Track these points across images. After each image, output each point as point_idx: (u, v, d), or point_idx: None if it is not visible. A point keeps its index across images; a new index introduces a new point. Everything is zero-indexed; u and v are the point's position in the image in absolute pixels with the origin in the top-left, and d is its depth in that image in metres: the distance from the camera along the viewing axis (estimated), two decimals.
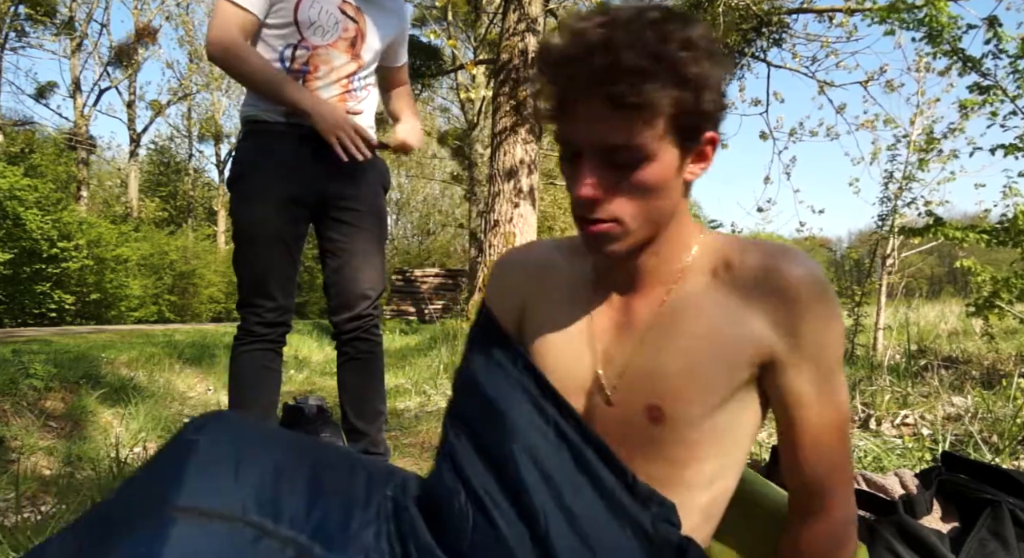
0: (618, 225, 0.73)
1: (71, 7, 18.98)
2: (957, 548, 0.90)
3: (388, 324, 11.23)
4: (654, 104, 0.66)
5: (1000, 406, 2.04)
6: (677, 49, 0.66)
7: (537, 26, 6.03)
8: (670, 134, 0.70)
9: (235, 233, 1.78)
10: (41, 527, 1.40)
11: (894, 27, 3.42)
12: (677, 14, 0.70)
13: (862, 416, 2.23)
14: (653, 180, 0.71)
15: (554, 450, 0.75)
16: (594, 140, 0.70)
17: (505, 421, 0.78)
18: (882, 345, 4.31)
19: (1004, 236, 3.10)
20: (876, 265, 4.51)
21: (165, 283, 16.26)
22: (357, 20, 1.80)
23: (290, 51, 1.72)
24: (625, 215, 0.72)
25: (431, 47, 7.89)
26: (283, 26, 1.71)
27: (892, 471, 1.13)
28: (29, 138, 16.64)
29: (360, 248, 1.85)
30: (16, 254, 10.92)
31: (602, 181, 0.71)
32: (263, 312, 1.76)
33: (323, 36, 1.75)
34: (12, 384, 2.68)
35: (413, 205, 27.50)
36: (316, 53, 1.74)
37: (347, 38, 1.79)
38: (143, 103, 22.58)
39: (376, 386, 1.96)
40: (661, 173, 0.71)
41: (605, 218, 0.72)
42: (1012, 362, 3.20)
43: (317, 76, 1.76)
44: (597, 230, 0.73)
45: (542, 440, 0.76)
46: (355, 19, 1.80)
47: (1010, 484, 0.99)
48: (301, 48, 1.73)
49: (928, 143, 4.20)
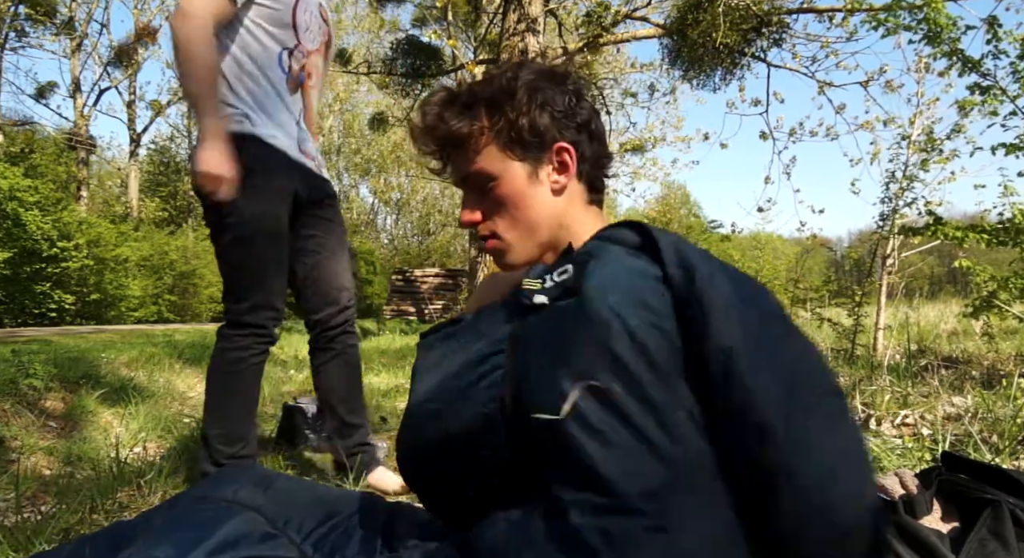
0: (497, 240, 0.86)
1: (71, 7, 18.98)
2: (957, 548, 0.90)
3: (388, 324, 11.23)
4: (467, 134, 0.82)
5: (1000, 406, 2.04)
6: (494, 88, 0.83)
7: (537, 26, 6.03)
8: (505, 152, 0.83)
9: (243, 231, 1.63)
10: (41, 527, 1.40)
11: (892, 29, 3.42)
12: (519, 64, 0.86)
13: (862, 416, 2.23)
14: (506, 193, 0.84)
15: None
16: (456, 178, 0.87)
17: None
18: (882, 345, 4.31)
19: (1004, 236, 3.10)
20: (876, 265, 4.51)
21: (165, 283, 16.25)
22: (330, 25, 1.80)
23: (287, 55, 1.69)
24: (498, 229, 0.85)
25: (431, 47, 7.88)
26: (280, 26, 1.66)
27: (892, 471, 1.13)
28: (29, 138, 16.63)
29: (335, 244, 1.84)
30: (16, 254, 10.92)
31: (475, 206, 0.86)
32: (278, 314, 1.70)
33: (312, 42, 1.74)
34: (12, 384, 2.68)
35: (413, 205, 27.50)
36: (309, 59, 1.73)
37: (324, 42, 1.79)
38: (143, 103, 22.59)
39: (360, 380, 1.95)
40: (512, 187, 0.83)
41: (487, 235, 0.86)
42: (1012, 362, 3.20)
43: (312, 84, 1.76)
44: (488, 247, 0.87)
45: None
46: (328, 23, 1.79)
47: (1010, 484, 0.99)
48: (298, 53, 1.70)
49: (929, 143, 4.20)
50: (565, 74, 0.87)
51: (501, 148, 0.83)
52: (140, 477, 1.78)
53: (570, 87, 0.85)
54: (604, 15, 6.09)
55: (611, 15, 6.17)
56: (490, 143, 0.83)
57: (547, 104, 0.83)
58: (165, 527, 0.74)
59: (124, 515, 1.57)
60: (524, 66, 0.85)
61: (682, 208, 37.14)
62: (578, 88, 0.86)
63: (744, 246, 28.36)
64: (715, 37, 5.85)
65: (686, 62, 6.45)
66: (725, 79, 6.60)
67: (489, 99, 0.83)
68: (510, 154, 0.83)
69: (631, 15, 6.64)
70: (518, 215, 0.84)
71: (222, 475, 0.86)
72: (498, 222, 0.85)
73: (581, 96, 0.86)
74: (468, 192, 0.87)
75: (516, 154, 0.83)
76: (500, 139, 0.82)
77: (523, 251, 0.86)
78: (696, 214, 39.07)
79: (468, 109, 0.83)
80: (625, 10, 6.51)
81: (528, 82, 0.83)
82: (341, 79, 20.54)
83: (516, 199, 0.84)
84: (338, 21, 17.50)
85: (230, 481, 0.83)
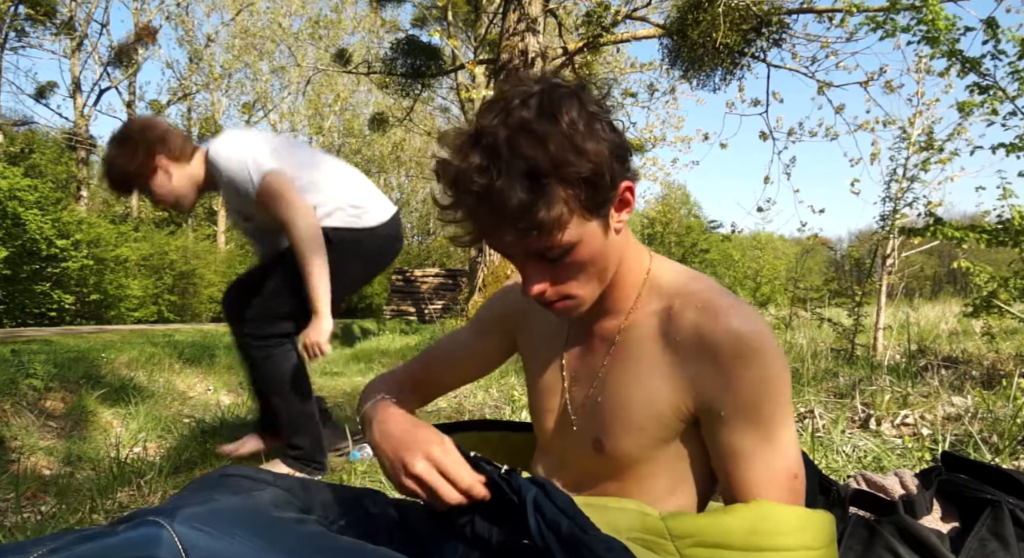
0: (572, 300, 0.78)
1: (71, 7, 18.98)
2: (957, 548, 0.90)
3: (388, 324, 11.23)
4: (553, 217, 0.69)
5: (1000, 406, 2.04)
6: (554, 154, 0.67)
7: (537, 26, 6.03)
8: (583, 215, 0.72)
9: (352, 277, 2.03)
10: (41, 527, 1.40)
11: (890, 31, 3.42)
12: (547, 100, 0.70)
13: (862, 416, 2.23)
14: (587, 257, 0.75)
15: None
16: (521, 251, 0.75)
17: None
18: (882, 345, 4.30)
19: (1003, 236, 3.10)
20: (876, 265, 4.50)
21: (165, 283, 16.24)
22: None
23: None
24: (575, 291, 0.78)
25: (431, 47, 7.88)
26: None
27: (892, 471, 1.13)
28: (29, 138, 16.63)
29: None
30: (16, 253, 10.91)
31: (545, 275, 0.76)
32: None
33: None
34: (12, 384, 2.68)
35: (413, 205, 27.49)
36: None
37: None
38: (143, 103, 22.59)
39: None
40: (591, 248, 0.75)
41: (558, 299, 0.78)
42: (1012, 362, 3.20)
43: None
44: (557, 309, 0.79)
45: None
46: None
47: (1010, 484, 0.99)
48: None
49: (929, 144, 4.20)
50: (583, 88, 0.74)
51: (580, 216, 0.72)
52: (140, 477, 1.78)
53: (602, 103, 0.74)
54: (604, 15, 6.09)
55: (611, 15, 6.17)
56: (573, 215, 0.71)
57: (607, 139, 0.71)
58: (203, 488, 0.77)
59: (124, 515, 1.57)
60: (556, 89, 0.71)
61: (682, 208, 37.11)
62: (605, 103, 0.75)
63: (744, 246, 28.36)
64: (715, 37, 5.85)
65: (686, 62, 6.45)
66: (725, 79, 6.60)
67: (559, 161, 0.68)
68: (588, 217, 0.72)
69: (631, 15, 6.64)
70: (594, 271, 0.77)
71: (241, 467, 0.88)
72: (571, 284, 0.77)
73: (608, 108, 0.75)
74: (532, 263, 0.76)
75: (593, 215, 0.73)
76: (579, 208, 0.71)
77: (592, 298, 0.80)
78: (696, 214, 39.03)
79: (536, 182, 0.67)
80: (625, 10, 6.51)
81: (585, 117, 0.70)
82: (341, 79, 20.55)
83: (596, 258, 0.76)
84: (338, 21, 17.49)
85: (252, 469, 0.85)
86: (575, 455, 0.87)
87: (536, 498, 0.69)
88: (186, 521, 0.63)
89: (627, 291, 0.83)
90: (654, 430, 0.79)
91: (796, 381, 2.81)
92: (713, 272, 30.01)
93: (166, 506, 0.68)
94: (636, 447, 0.80)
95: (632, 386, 0.80)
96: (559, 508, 0.68)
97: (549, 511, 0.68)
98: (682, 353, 0.77)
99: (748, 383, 0.73)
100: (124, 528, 0.63)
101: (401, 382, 1.04)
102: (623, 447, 0.80)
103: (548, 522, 0.67)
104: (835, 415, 2.20)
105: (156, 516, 0.63)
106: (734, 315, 0.74)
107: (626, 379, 0.81)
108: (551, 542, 0.66)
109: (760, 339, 0.73)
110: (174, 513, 0.64)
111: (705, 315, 0.75)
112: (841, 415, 2.16)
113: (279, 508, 0.74)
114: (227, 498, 0.72)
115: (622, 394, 0.81)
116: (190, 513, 0.64)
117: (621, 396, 0.81)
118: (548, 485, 0.71)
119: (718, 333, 0.74)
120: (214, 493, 0.74)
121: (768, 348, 0.73)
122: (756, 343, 0.73)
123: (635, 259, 0.83)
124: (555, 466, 0.91)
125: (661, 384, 0.78)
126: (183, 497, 0.74)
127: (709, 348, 0.74)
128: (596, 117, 0.71)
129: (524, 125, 0.68)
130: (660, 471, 0.81)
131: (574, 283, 0.77)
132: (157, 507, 0.69)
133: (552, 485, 0.71)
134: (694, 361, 0.75)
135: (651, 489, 0.81)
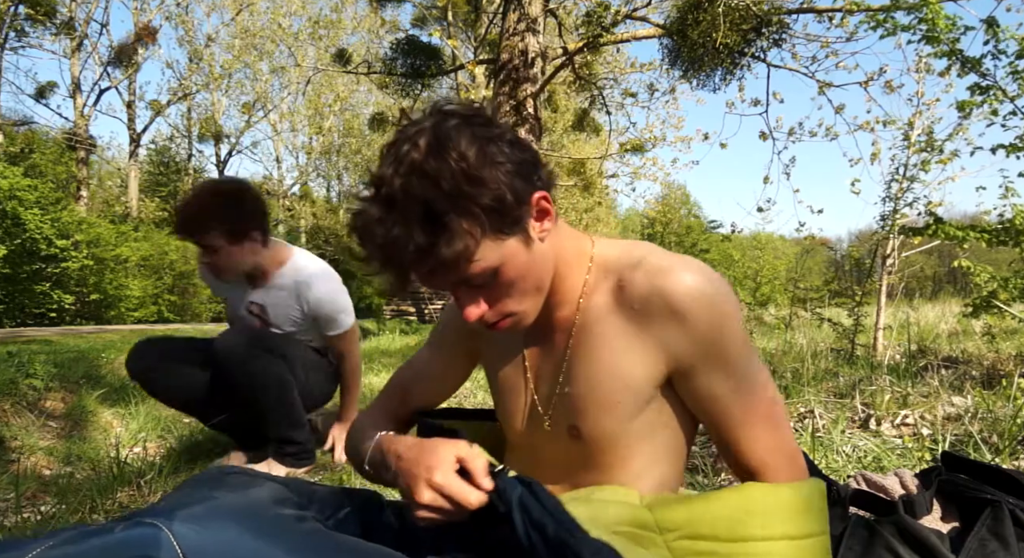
0: (513, 317, 0.80)
1: (71, 7, 18.98)
2: (957, 548, 0.90)
3: (388, 324, 11.22)
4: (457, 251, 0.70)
5: (1000, 406, 2.04)
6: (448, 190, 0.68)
7: (537, 26, 6.03)
8: (496, 238, 0.73)
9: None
10: (41, 527, 1.40)
11: (890, 30, 3.42)
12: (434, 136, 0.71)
13: (862, 416, 2.23)
14: (514, 275, 0.76)
15: None
16: (444, 284, 0.76)
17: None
18: (882, 345, 4.30)
19: (1004, 236, 3.10)
20: (876, 265, 4.50)
21: (165, 283, 16.25)
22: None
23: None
24: (513, 308, 0.79)
25: (431, 47, 7.88)
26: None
27: (892, 471, 1.13)
28: (29, 138, 16.63)
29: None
30: (16, 253, 10.91)
31: (479, 299, 0.78)
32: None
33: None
34: (12, 384, 2.68)
35: None
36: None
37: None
38: (143, 103, 22.58)
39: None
40: (516, 266, 0.76)
41: (499, 319, 0.79)
42: (1012, 362, 3.20)
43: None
44: (500, 328, 0.80)
45: None
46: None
47: (1010, 484, 0.99)
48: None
49: (929, 144, 4.20)
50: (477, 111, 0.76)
51: (492, 240, 0.73)
52: (140, 477, 1.78)
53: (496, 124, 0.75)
54: (604, 15, 6.08)
55: (611, 15, 6.16)
56: (482, 242, 0.72)
57: (505, 160, 0.72)
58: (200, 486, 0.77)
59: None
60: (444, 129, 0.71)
61: (682, 208, 37.13)
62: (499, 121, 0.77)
63: (744, 246, 28.34)
64: (715, 37, 5.85)
65: (686, 62, 6.44)
66: (725, 79, 6.59)
67: (454, 198, 0.69)
68: (501, 239, 0.74)
69: (631, 15, 6.63)
70: (527, 285, 0.78)
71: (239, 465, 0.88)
72: (507, 303, 0.78)
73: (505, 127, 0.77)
74: (461, 291, 0.78)
75: (507, 235, 0.74)
76: (488, 234, 0.72)
77: (535, 309, 0.82)
78: (696, 214, 39.04)
79: (438, 220, 0.69)
80: (625, 10, 6.51)
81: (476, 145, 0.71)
82: (341, 79, 20.54)
83: (522, 273, 0.77)
84: (338, 21, 17.49)
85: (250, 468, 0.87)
86: (550, 448, 0.88)
87: (522, 498, 0.69)
88: (184, 521, 0.63)
89: (573, 281, 0.84)
90: (629, 403, 0.80)
91: (796, 381, 2.81)
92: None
93: (164, 506, 0.68)
94: (613, 424, 0.81)
95: (599, 366, 0.81)
96: (546, 508, 0.68)
97: (535, 511, 0.68)
98: (643, 319, 0.78)
99: (709, 329, 0.76)
100: (123, 527, 0.63)
101: (386, 420, 1.02)
102: (600, 427, 0.81)
103: (534, 522, 0.67)
104: (835, 415, 2.20)
105: (154, 517, 0.63)
106: (680, 270, 0.77)
107: (592, 362, 0.82)
108: (537, 544, 0.66)
109: (709, 286, 0.77)
110: (172, 514, 0.64)
111: (655, 276, 0.78)
112: (841, 415, 2.16)
113: (278, 505, 0.74)
114: (225, 496, 0.72)
115: (591, 377, 0.82)
116: (188, 514, 0.64)
117: (590, 379, 0.82)
118: (535, 485, 0.71)
119: (670, 289, 0.76)
120: (213, 491, 0.74)
121: (720, 293, 0.77)
122: (708, 290, 0.76)
123: (574, 251, 0.84)
124: (529, 462, 0.91)
125: (630, 355, 0.79)
126: (181, 496, 0.74)
127: (666, 306, 0.76)
128: (491, 140, 0.72)
129: (414, 168, 0.69)
130: (636, 448, 0.82)
131: (510, 301, 0.78)
132: (155, 507, 0.69)
133: (538, 485, 0.71)
134: (656, 323, 0.78)
135: (629, 468, 0.82)
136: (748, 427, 0.79)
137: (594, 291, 0.83)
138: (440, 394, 1.06)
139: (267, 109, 24.11)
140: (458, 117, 0.73)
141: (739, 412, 0.79)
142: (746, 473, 0.82)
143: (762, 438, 0.80)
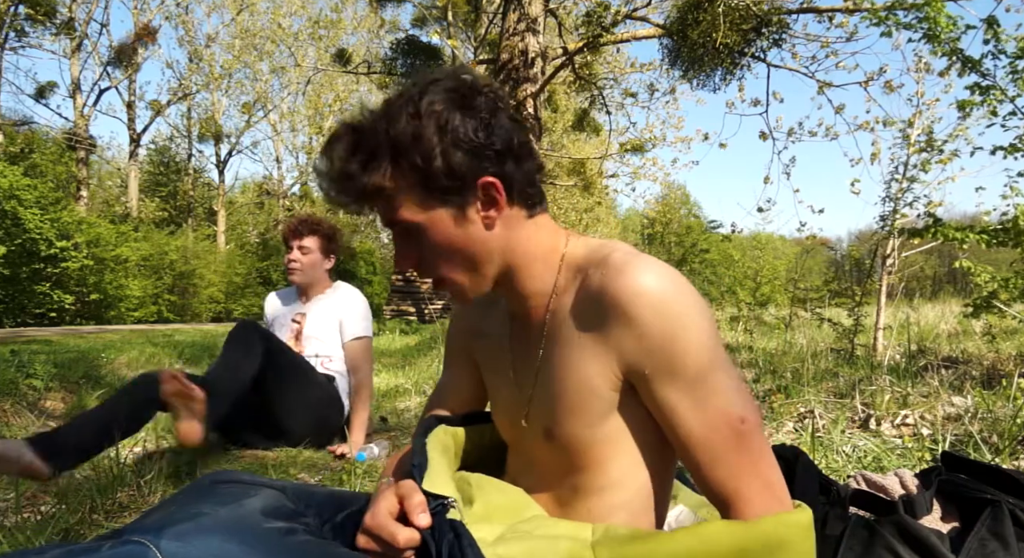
0: (453, 286, 0.82)
1: (71, 7, 18.99)
2: (957, 548, 0.90)
3: (388, 324, 11.23)
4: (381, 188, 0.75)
5: (1000, 406, 2.04)
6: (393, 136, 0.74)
7: (537, 26, 6.04)
8: (423, 198, 0.76)
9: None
10: (41, 527, 1.40)
11: (891, 28, 3.42)
12: (420, 89, 0.76)
13: (862, 416, 2.23)
14: (440, 241, 0.78)
15: None
16: (382, 222, 0.81)
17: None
18: (882, 345, 4.30)
19: (1004, 236, 3.10)
20: (876, 265, 4.50)
21: (165, 283, 16.26)
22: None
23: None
24: (441, 272, 0.81)
25: (431, 47, 7.88)
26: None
27: (892, 471, 1.13)
28: (29, 138, 16.63)
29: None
30: (15, 253, 10.92)
31: (409, 251, 0.81)
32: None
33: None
34: (12, 384, 2.68)
35: None
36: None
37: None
38: (143, 103, 22.61)
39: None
40: (440, 233, 0.78)
41: (429, 278, 0.82)
42: (1012, 362, 3.20)
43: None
44: (436, 287, 0.83)
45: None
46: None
47: (1010, 484, 0.99)
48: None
49: (929, 143, 4.20)
50: (475, 88, 0.77)
51: (420, 199, 0.76)
52: (140, 477, 1.77)
53: (483, 105, 0.76)
54: (604, 15, 6.08)
55: (611, 15, 6.16)
56: (408, 194, 0.76)
57: (460, 140, 0.74)
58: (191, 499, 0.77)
59: (124, 515, 1.57)
60: (429, 90, 0.75)
61: (682, 208, 37.12)
62: (493, 103, 0.77)
63: (744, 246, 28.33)
64: (715, 37, 5.85)
65: (686, 62, 6.45)
66: (725, 79, 6.59)
67: (394, 146, 0.74)
68: (431, 203, 0.76)
69: (631, 15, 6.63)
70: (456, 258, 0.79)
71: (234, 471, 0.88)
72: (440, 265, 0.80)
73: (497, 111, 0.77)
74: (397, 236, 0.81)
75: (437, 201, 0.76)
76: (416, 190, 0.75)
77: (475, 287, 0.82)
78: (696, 214, 39.02)
79: (374, 158, 0.75)
80: (625, 10, 6.51)
81: (435, 115, 0.74)
82: (341, 79, 20.54)
83: (448, 244, 0.78)
84: (338, 21, 17.50)
85: (246, 473, 0.86)
86: (533, 449, 0.86)
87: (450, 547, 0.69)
88: (172, 539, 0.63)
89: (544, 280, 0.83)
90: (594, 407, 0.77)
91: (796, 381, 2.81)
92: (713, 272, 30.00)
93: (152, 522, 0.68)
94: (581, 427, 0.78)
95: (565, 367, 0.79)
96: None
97: None
98: (598, 321, 0.75)
99: (660, 335, 0.71)
100: (110, 545, 0.63)
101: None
102: (569, 431, 0.79)
103: None
104: (835, 415, 2.20)
105: (143, 535, 0.63)
106: (634, 270, 0.72)
107: (559, 362, 0.80)
108: None
109: (665, 289, 0.71)
110: (160, 531, 0.64)
111: (608, 276, 0.74)
112: (841, 415, 2.16)
113: (269, 516, 0.74)
114: (215, 510, 0.72)
115: (558, 377, 0.79)
116: (175, 531, 0.64)
117: (557, 380, 0.79)
118: (463, 535, 0.69)
119: (619, 290, 0.72)
120: (203, 505, 0.74)
121: (677, 298, 0.72)
122: (661, 293, 0.71)
123: (546, 247, 0.82)
124: (522, 464, 0.90)
125: (588, 358, 0.76)
126: (171, 510, 0.74)
127: (616, 307, 0.72)
128: (467, 114, 0.75)
129: (387, 108, 0.76)
130: (611, 453, 0.79)
131: (442, 267, 0.80)
132: (143, 524, 0.69)
133: (467, 535, 0.69)
134: (611, 325, 0.73)
135: (607, 472, 0.80)
136: (711, 449, 0.72)
137: (564, 291, 0.81)
138: (470, 403, 1.03)
139: (267, 109, 24.13)
140: (453, 83, 0.77)
141: (700, 430, 0.72)
142: (717, 502, 0.74)
143: (730, 462, 0.71)
